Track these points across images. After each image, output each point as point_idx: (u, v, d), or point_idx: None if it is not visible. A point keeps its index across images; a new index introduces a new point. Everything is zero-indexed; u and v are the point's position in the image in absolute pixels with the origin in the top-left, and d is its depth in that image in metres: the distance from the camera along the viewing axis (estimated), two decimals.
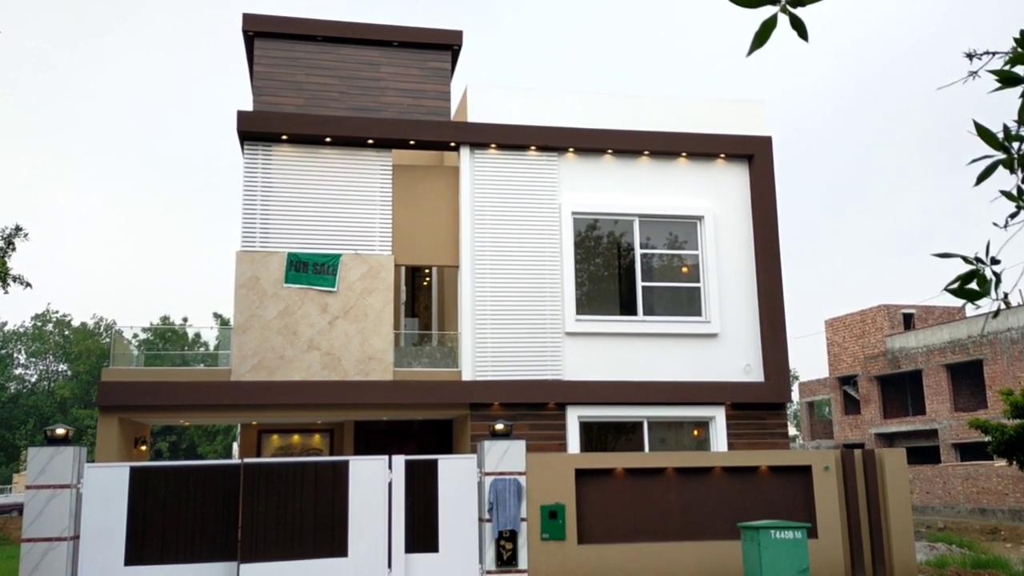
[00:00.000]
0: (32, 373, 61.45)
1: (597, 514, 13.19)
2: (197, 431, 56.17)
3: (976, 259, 4.00)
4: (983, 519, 30.90)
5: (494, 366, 16.01)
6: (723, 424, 16.50)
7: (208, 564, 12.11)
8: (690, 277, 17.23)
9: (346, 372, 15.51)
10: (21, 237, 24.40)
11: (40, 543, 11.52)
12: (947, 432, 38.76)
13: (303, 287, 15.65)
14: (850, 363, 45.33)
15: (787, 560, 11.62)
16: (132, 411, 15.40)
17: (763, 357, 16.87)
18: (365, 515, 12.53)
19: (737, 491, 13.61)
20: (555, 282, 16.46)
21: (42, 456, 11.78)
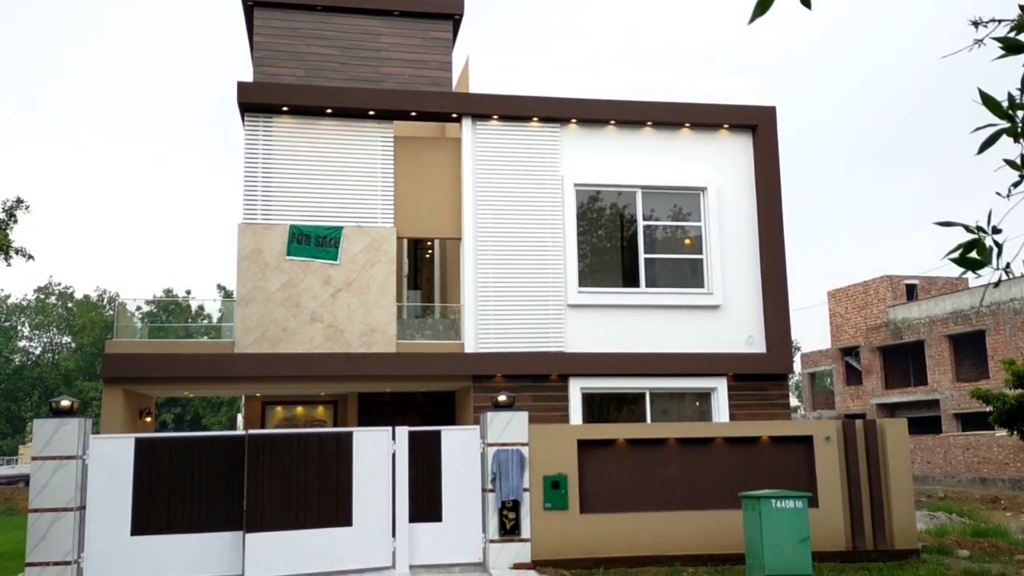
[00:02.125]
0: (36, 345, 61.68)
1: (599, 484, 13.28)
2: (201, 403, 56.46)
3: (978, 228, 3.99)
4: (983, 488, 31.07)
5: (497, 338, 16.05)
6: (725, 395, 16.55)
7: (213, 534, 12.24)
8: (693, 249, 17.20)
9: (349, 344, 15.55)
10: (23, 209, 24.37)
11: (47, 513, 11.63)
12: (948, 402, 38.87)
13: (305, 259, 15.65)
14: (852, 334, 45.37)
15: (788, 529, 11.70)
16: (136, 383, 15.47)
17: (765, 328, 16.89)
18: (369, 485, 12.63)
19: (739, 461, 13.68)
20: (557, 254, 16.44)
21: (47, 428, 11.86)
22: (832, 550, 13.22)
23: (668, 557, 12.95)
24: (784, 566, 11.61)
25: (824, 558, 12.89)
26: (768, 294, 16.96)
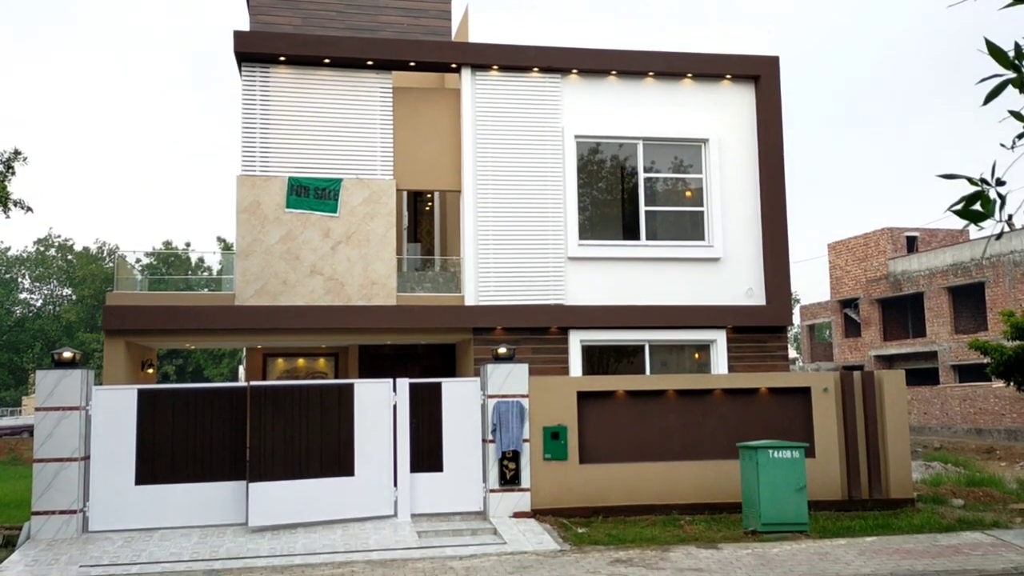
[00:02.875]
0: (37, 298, 61.75)
1: (599, 435, 13.40)
2: (203, 355, 56.71)
3: (981, 180, 3.97)
4: (979, 439, 31.37)
5: (497, 291, 16.07)
6: (724, 347, 16.63)
7: (217, 483, 12.38)
8: (693, 201, 17.14)
9: (349, 297, 15.57)
10: (20, 161, 24.24)
11: (51, 463, 11.76)
12: (947, 354, 39.06)
13: (305, 212, 15.60)
14: (852, 286, 45.42)
15: (784, 479, 11.84)
16: (138, 335, 15.53)
17: (765, 281, 16.90)
18: (371, 436, 12.75)
19: (737, 412, 13.79)
20: (558, 207, 16.39)
21: (50, 379, 11.93)
22: (828, 499, 13.38)
23: (666, 506, 13.12)
24: (780, 515, 11.79)
25: (820, 507, 13.06)
26: (768, 246, 16.94)
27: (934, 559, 10.38)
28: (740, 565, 10.15)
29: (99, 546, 11.25)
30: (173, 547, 11.21)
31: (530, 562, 10.38)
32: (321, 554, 10.90)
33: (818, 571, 9.88)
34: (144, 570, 10.22)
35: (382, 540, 11.58)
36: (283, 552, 10.98)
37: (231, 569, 10.22)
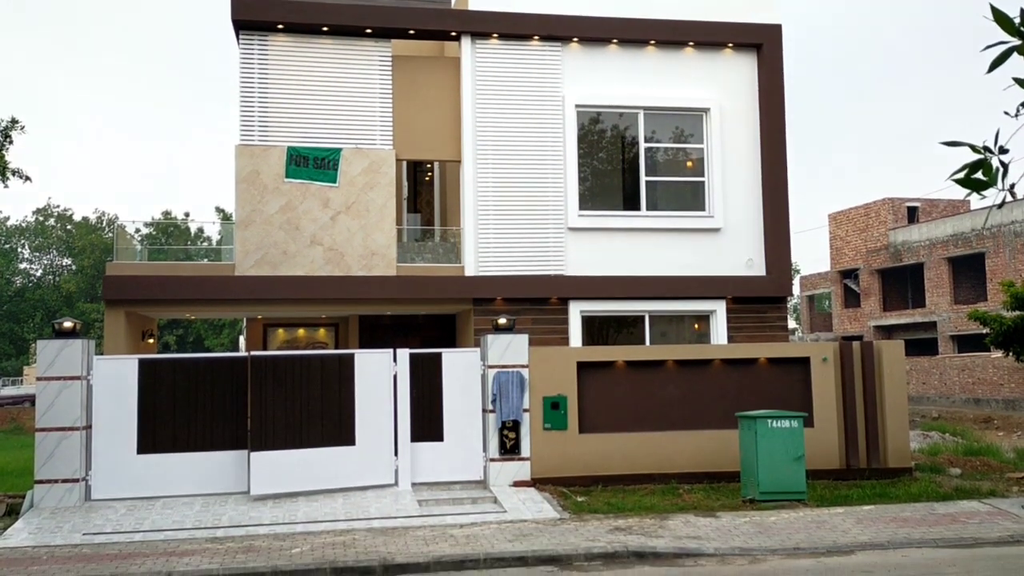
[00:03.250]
0: (37, 268, 61.62)
1: (598, 405, 13.45)
2: (203, 325, 56.76)
3: (984, 148, 3.94)
4: (977, 409, 31.49)
5: (497, 261, 16.04)
6: (724, 318, 16.63)
7: (219, 452, 12.45)
8: (694, 171, 17.06)
9: (349, 267, 15.56)
10: (18, 130, 24.11)
11: (53, 433, 11.82)
12: (946, 324, 39.10)
13: (304, 182, 15.54)
14: (852, 257, 45.36)
15: (783, 448, 11.91)
16: (138, 305, 15.53)
17: (765, 251, 16.87)
18: (371, 406, 12.80)
19: (736, 382, 13.84)
20: (558, 177, 16.32)
21: (51, 349, 11.96)
22: (826, 468, 13.46)
23: (665, 475, 13.20)
24: (778, 483, 11.87)
25: (818, 476, 13.14)
26: (769, 217, 16.89)
27: (931, 527, 10.47)
28: (738, 533, 10.24)
29: (102, 514, 11.34)
30: (176, 515, 11.29)
31: (530, 530, 10.46)
32: (322, 522, 10.99)
33: (816, 539, 9.96)
34: (147, 538, 10.31)
35: (383, 508, 11.67)
36: (285, 520, 11.07)
37: (234, 537, 10.30)
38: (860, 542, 9.84)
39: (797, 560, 9.28)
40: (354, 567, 9.02)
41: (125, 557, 9.40)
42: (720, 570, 8.87)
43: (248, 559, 9.23)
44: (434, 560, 9.20)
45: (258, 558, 9.27)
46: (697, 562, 9.26)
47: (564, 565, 9.23)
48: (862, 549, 9.67)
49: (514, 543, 9.80)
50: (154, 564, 9.07)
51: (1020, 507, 11.47)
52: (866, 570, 8.70)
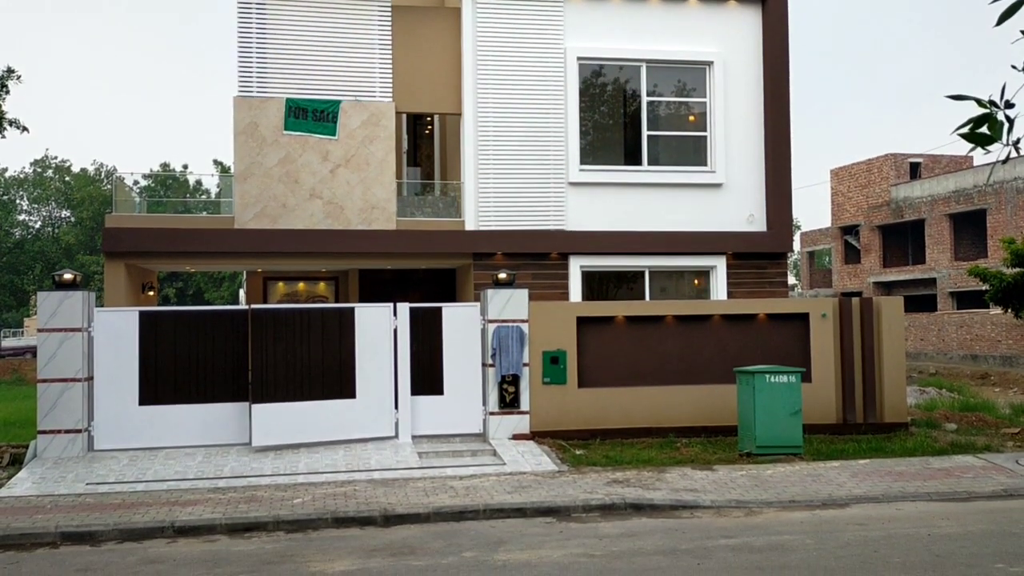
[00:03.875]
0: (35, 219, 61.45)
1: (598, 360, 13.51)
2: (203, 278, 56.77)
3: (990, 102, 3.91)
4: (974, 365, 31.66)
5: (497, 216, 15.99)
6: (724, 273, 16.63)
7: (220, 404, 12.54)
8: (697, 126, 16.93)
9: (349, 221, 15.51)
10: (14, 80, 23.87)
11: (55, 384, 11.88)
12: (946, 281, 39.13)
13: (303, 134, 15.42)
14: (853, 213, 45.23)
15: (780, 402, 11.99)
16: (138, 257, 15.52)
17: (766, 207, 16.81)
18: (371, 360, 12.85)
19: (735, 338, 13.88)
20: (559, 131, 16.19)
21: (52, 300, 11.97)
22: (823, 423, 13.56)
23: (663, 429, 13.31)
24: (775, 437, 11.97)
25: (814, 430, 13.25)
26: (771, 172, 16.80)
27: (926, 481, 10.58)
28: (734, 486, 10.35)
29: (105, 464, 11.45)
30: (178, 466, 11.41)
31: (529, 482, 10.57)
32: (323, 473, 11.10)
33: (811, 492, 10.07)
34: (150, 488, 10.41)
35: (383, 460, 11.78)
36: (286, 471, 11.18)
37: (236, 487, 10.41)
38: (855, 495, 9.95)
39: (792, 513, 9.39)
40: (355, 517, 9.13)
41: (128, 506, 9.51)
42: (716, 522, 8.99)
43: (250, 509, 9.34)
44: (434, 511, 9.30)
45: (260, 508, 9.38)
46: (694, 514, 9.37)
47: (562, 516, 9.35)
48: (857, 502, 9.78)
49: (513, 495, 9.91)
50: (157, 513, 9.18)
51: (1015, 462, 11.59)
52: (860, 523, 8.82)
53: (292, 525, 8.98)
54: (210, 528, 8.85)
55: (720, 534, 8.45)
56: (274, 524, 8.97)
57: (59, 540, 8.56)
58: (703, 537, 8.34)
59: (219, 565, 7.61)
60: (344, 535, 8.69)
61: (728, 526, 8.79)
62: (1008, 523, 8.75)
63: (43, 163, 62.07)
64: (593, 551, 7.88)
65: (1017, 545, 7.88)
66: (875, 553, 7.64)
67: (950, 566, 7.20)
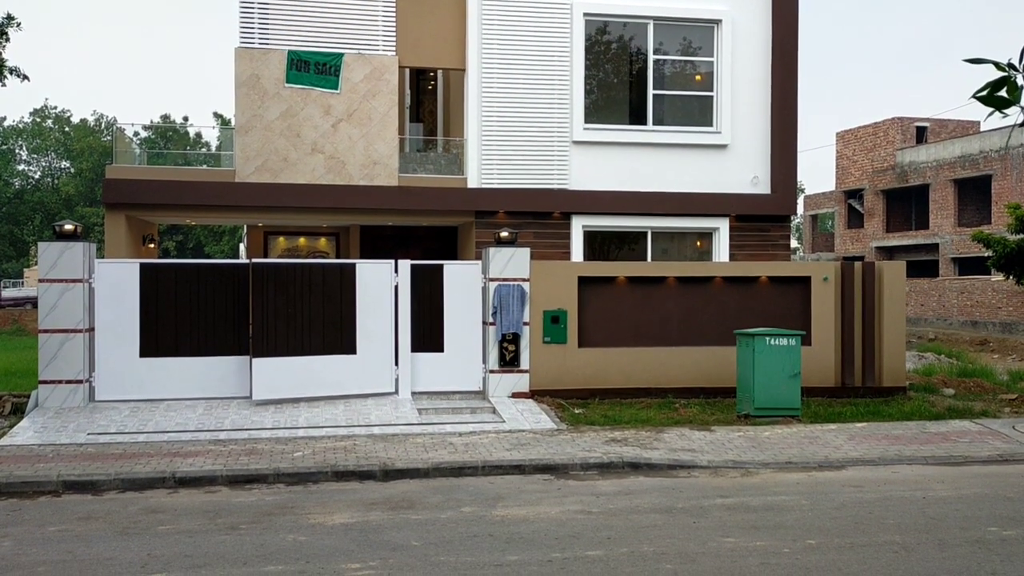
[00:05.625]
0: (35, 170, 61.13)
1: (598, 320, 13.52)
2: (203, 231, 56.66)
3: (1008, 65, 3.85)
4: (974, 331, 31.71)
5: (500, 173, 15.89)
6: (726, 235, 16.58)
7: (221, 358, 12.57)
8: (703, 86, 16.75)
9: (351, 176, 15.42)
10: (14, 27, 23.57)
11: (56, 334, 11.89)
12: (948, 247, 39.05)
13: (305, 88, 15.26)
14: (858, 176, 45.00)
15: (779, 365, 12.02)
16: (138, 209, 15.46)
17: (771, 169, 16.70)
18: (372, 316, 12.86)
19: (736, 300, 13.87)
20: (564, 88, 16.02)
21: (52, 251, 11.94)
22: (821, 386, 13.61)
23: (662, 390, 13.36)
24: (773, 400, 12.02)
25: (813, 393, 13.30)
26: (776, 134, 16.66)
27: (922, 445, 10.64)
28: (731, 447, 10.41)
29: (106, 415, 11.51)
30: (178, 417, 11.47)
31: (527, 440, 10.63)
32: (323, 427, 11.16)
33: (807, 454, 10.13)
34: (151, 439, 10.48)
35: (383, 416, 11.84)
36: (286, 425, 11.25)
37: (236, 440, 10.48)
38: (851, 458, 10.02)
39: (788, 474, 9.46)
40: (355, 471, 9.20)
41: (130, 457, 9.58)
42: (713, 482, 9.05)
43: (251, 461, 9.41)
44: (433, 466, 9.37)
45: (260, 460, 9.44)
46: (691, 474, 9.44)
47: (560, 474, 9.42)
48: (853, 465, 9.84)
49: (512, 452, 9.97)
50: (158, 464, 9.24)
51: (1011, 427, 11.65)
52: (856, 485, 8.88)
53: (292, 478, 9.05)
54: (211, 479, 8.92)
55: (716, 494, 8.51)
56: (274, 476, 9.03)
57: (61, 489, 8.63)
58: (700, 496, 8.40)
59: (220, 516, 7.68)
60: (343, 488, 8.76)
61: (724, 486, 8.86)
62: (1003, 487, 8.81)
63: (42, 113, 61.60)
64: (591, 508, 7.94)
65: (1011, 509, 7.94)
66: (870, 515, 7.70)
67: (944, 528, 7.27)
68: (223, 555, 6.53)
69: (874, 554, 6.56)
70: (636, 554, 6.55)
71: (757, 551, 6.63)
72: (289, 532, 7.14)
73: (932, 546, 6.79)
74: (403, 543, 6.83)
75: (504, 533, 7.10)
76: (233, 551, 6.62)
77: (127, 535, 7.09)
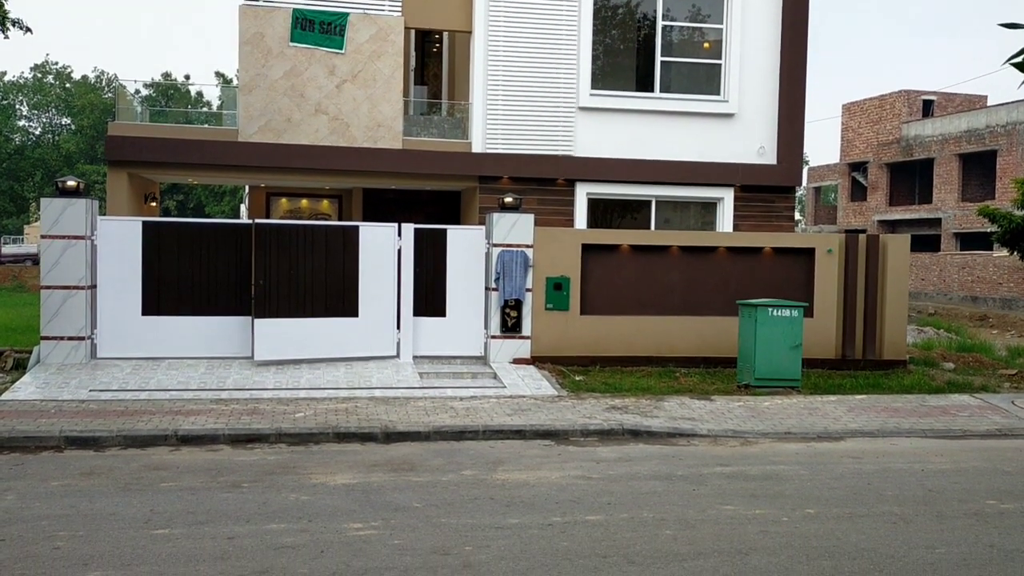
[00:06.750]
0: (35, 126, 60.69)
1: (601, 288, 13.50)
2: (204, 191, 56.38)
3: None
4: (974, 307, 31.71)
5: (505, 139, 15.78)
6: (731, 206, 16.51)
7: (222, 317, 12.57)
8: (711, 53, 16.58)
9: (355, 138, 15.32)
10: None
11: (58, 291, 11.88)
12: (950, 221, 38.94)
13: (310, 47, 15.11)
14: (863, 149, 44.75)
15: (781, 336, 12.02)
16: (141, 167, 15.37)
17: (778, 139, 16.58)
18: (375, 279, 12.84)
19: (739, 271, 13.84)
20: (571, 54, 15.86)
21: (55, 207, 11.89)
22: (822, 358, 13.63)
23: (663, 359, 13.38)
24: (774, 370, 12.04)
25: (813, 365, 13.32)
26: (784, 105, 16.52)
27: (921, 418, 10.67)
28: (731, 416, 10.45)
29: (108, 372, 11.53)
30: (180, 376, 11.49)
31: (528, 405, 10.66)
32: (325, 389, 11.19)
33: (807, 425, 10.17)
34: (153, 397, 10.51)
35: (384, 379, 11.87)
36: (288, 386, 11.27)
37: (238, 399, 10.51)
38: (850, 429, 10.05)
39: (787, 444, 9.50)
40: (356, 432, 9.23)
41: (132, 414, 9.61)
42: (712, 450, 9.09)
43: (252, 421, 9.44)
44: (434, 430, 9.40)
45: (262, 420, 9.47)
46: (690, 442, 9.47)
47: (560, 439, 9.45)
48: (852, 436, 9.88)
49: (512, 417, 10.00)
50: (160, 422, 9.27)
51: (1010, 402, 11.68)
52: (855, 456, 8.92)
53: (294, 438, 9.08)
54: (213, 438, 8.96)
55: (716, 462, 8.55)
56: (276, 436, 9.07)
57: (63, 444, 8.66)
58: (699, 464, 8.44)
59: (223, 473, 7.72)
60: (345, 450, 8.80)
61: (724, 455, 8.90)
62: (1001, 461, 8.86)
63: (43, 68, 61.03)
64: (591, 474, 7.98)
65: (1009, 483, 7.98)
66: (868, 486, 7.74)
67: (943, 501, 7.31)
68: (226, 512, 6.56)
69: (872, 524, 6.61)
70: (636, 520, 6.59)
71: (756, 519, 6.67)
72: (291, 491, 7.18)
73: (930, 518, 6.83)
74: (405, 504, 6.87)
75: (505, 496, 7.14)
76: (236, 509, 6.66)
77: (130, 491, 7.13)
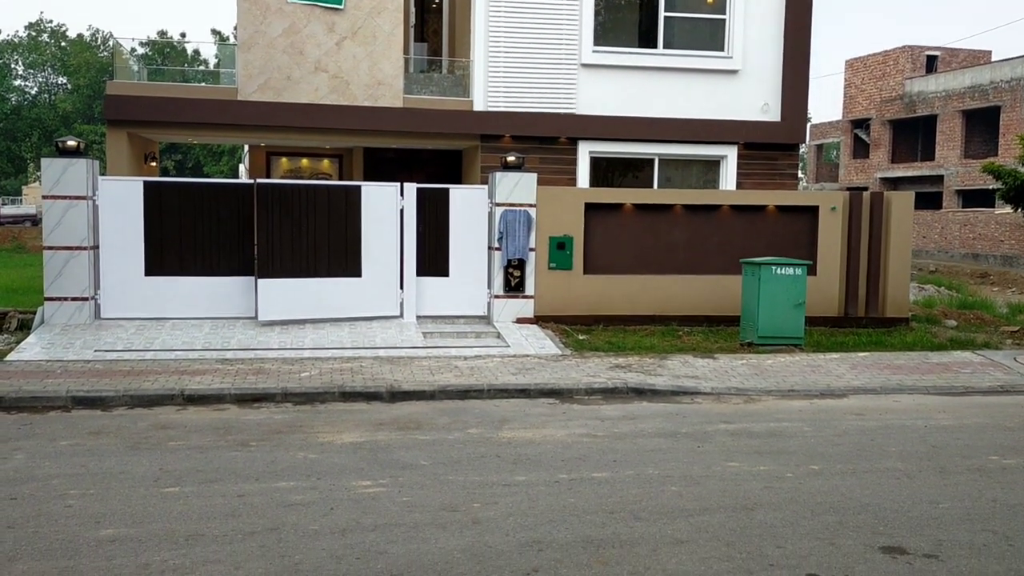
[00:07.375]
0: (32, 85, 60.15)
1: (604, 247, 13.48)
2: (203, 151, 56.06)
3: None
4: (975, 264, 31.70)
5: (506, 97, 15.64)
6: (734, 164, 16.42)
7: (225, 278, 12.56)
8: (715, 8, 16.37)
9: (355, 96, 15.18)
10: None
11: (61, 251, 11.86)
12: (953, 179, 38.77)
13: (309, 4, 14.92)
14: (865, 106, 44.41)
15: (784, 295, 12.03)
16: (140, 126, 15.26)
17: (782, 96, 16.44)
18: (378, 239, 12.81)
19: (743, 229, 13.81)
20: (573, 9, 15.66)
21: (56, 167, 11.82)
22: (825, 315, 13.66)
23: (666, 317, 13.40)
24: (777, 328, 12.07)
25: (816, 323, 13.35)
26: (788, 61, 16.35)
27: (924, 375, 10.72)
28: (735, 374, 10.49)
29: (112, 332, 11.56)
30: (185, 336, 11.51)
31: (532, 364, 10.70)
32: (329, 349, 11.22)
33: (810, 382, 10.21)
34: (158, 356, 10.54)
35: (388, 339, 11.89)
36: (293, 346, 11.30)
37: (243, 359, 10.54)
38: (853, 386, 10.10)
39: (791, 401, 9.55)
40: (362, 392, 9.27)
41: (137, 374, 9.64)
42: (716, 408, 9.14)
43: (258, 380, 9.48)
44: (439, 389, 9.45)
45: (268, 380, 9.51)
46: (694, 400, 9.52)
47: (565, 398, 9.50)
48: (854, 393, 9.94)
49: (517, 376, 10.05)
50: (167, 381, 9.31)
51: (1012, 359, 11.72)
52: (858, 413, 8.97)
53: (300, 397, 9.13)
54: (219, 397, 9.00)
55: (719, 419, 8.60)
56: (282, 396, 9.11)
57: (70, 404, 8.71)
58: (703, 422, 8.49)
59: (230, 432, 7.77)
60: (351, 409, 8.84)
61: (727, 412, 8.95)
62: (1003, 417, 8.91)
63: (38, 27, 60.34)
64: (595, 432, 8.03)
65: (1011, 438, 8.04)
66: (872, 442, 7.80)
67: (945, 456, 7.36)
68: (235, 470, 6.62)
69: (876, 480, 6.66)
70: (641, 476, 6.65)
71: (760, 475, 6.73)
72: (299, 450, 7.23)
73: (933, 473, 6.88)
74: (412, 462, 6.92)
75: (511, 454, 7.20)
76: (244, 467, 6.71)
77: (138, 450, 7.18)
